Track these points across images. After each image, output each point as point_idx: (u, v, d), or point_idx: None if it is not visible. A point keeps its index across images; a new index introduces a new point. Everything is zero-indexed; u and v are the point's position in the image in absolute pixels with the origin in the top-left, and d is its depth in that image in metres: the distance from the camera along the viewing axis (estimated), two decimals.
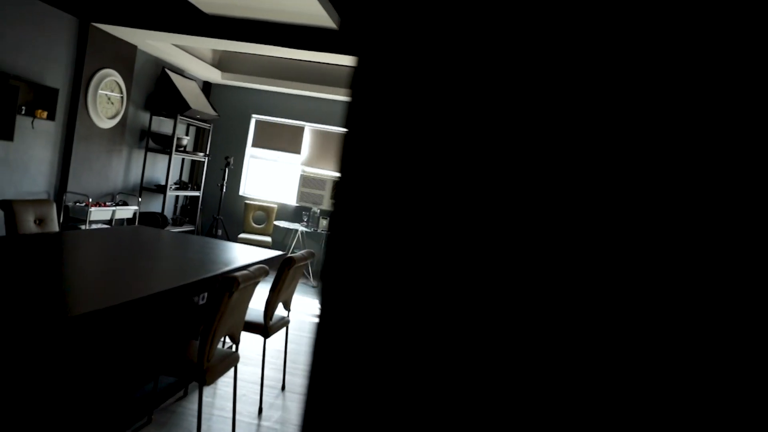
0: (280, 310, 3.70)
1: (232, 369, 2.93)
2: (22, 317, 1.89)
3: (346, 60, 5.77)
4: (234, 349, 2.89)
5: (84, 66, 5.67)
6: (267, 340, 3.58)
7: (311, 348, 0.47)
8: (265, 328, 3.37)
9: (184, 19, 5.48)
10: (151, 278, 2.83)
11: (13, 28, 4.75)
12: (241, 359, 4.13)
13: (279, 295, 3.36)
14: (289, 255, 3.38)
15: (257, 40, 5.59)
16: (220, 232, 7.90)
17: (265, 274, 2.81)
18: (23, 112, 4.95)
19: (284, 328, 3.74)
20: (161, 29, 5.52)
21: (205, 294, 3.74)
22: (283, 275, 3.28)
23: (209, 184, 8.39)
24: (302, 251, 3.58)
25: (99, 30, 5.78)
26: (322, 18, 5.03)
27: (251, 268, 2.71)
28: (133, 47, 6.46)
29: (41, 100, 5.18)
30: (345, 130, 0.47)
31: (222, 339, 3.91)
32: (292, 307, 5.26)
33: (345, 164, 0.46)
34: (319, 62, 6.85)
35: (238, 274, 2.51)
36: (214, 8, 5.29)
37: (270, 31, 5.55)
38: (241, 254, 3.95)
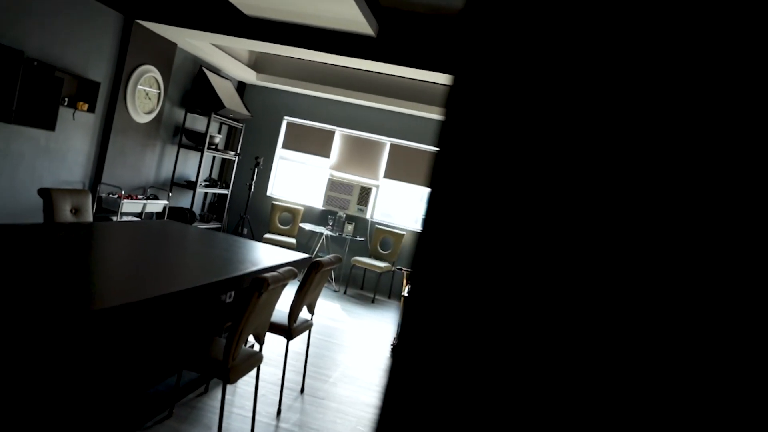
0: (303, 313, 3.71)
1: (255, 369, 2.95)
2: (47, 307, 1.93)
3: (381, 67, 5.80)
4: (258, 349, 2.91)
5: (125, 61, 5.79)
6: (290, 342, 3.60)
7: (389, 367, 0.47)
8: (289, 330, 3.39)
9: (225, 20, 5.57)
10: (179, 274, 2.87)
11: (62, 23, 4.89)
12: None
13: (304, 298, 3.38)
14: (316, 259, 3.39)
15: (295, 43, 5.65)
16: (245, 230, 7.98)
17: (294, 276, 2.83)
18: (66, 103, 5.08)
19: (307, 331, 3.76)
20: (202, 29, 5.62)
21: (233, 292, 3.78)
22: (309, 278, 3.30)
23: (238, 182, 8.49)
24: (329, 256, 3.59)
25: (142, 27, 5.91)
26: (360, 25, 5.06)
27: (280, 270, 2.73)
28: (173, 45, 6.58)
29: (83, 92, 5.31)
30: (437, 146, 0.48)
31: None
32: (315, 311, 5.28)
33: (437, 180, 0.46)
34: (353, 68, 6.89)
35: (267, 275, 2.53)
36: (255, 10, 5.36)
37: (308, 35, 5.61)
38: (267, 254, 3.98)
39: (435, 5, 4.77)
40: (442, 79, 5.58)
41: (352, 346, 5.20)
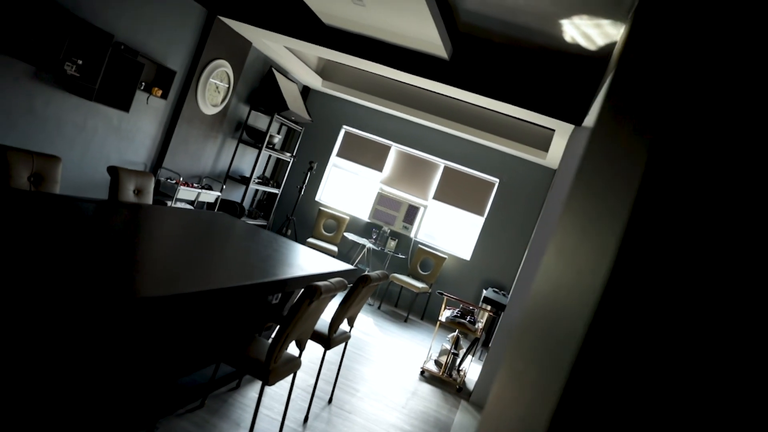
0: (343, 325, 3.71)
1: (292, 374, 2.96)
2: (94, 289, 1.98)
3: (448, 90, 5.81)
4: (298, 354, 2.92)
5: (202, 54, 5.98)
6: (327, 351, 3.60)
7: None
8: (328, 340, 3.40)
9: (303, 26, 5.70)
10: (229, 269, 2.91)
11: (151, 11, 5.09)
12: None
13: (348, 310, 3.39)
14: (365, 273, 3.40)
15: (367, 56, 5.73)
16: (289, 232, 8.07)
17: (344, 288, 2.84)
18: (142, 87, 5.26)
19: (344, 343, 3.76)
20: (280, 31, 5.76)
21: (279, 294, 3.81)
22: (356, 291, 3.30)
23: (289, 184, 8.61)
24: (378, 272, 3.59)
25: (222, 23, 6.09)
26: (435, 46, 5.10)
27: (332, 280, 2.74)
28: (248, 43, 6.76)
29: (159, 79, 5.50)
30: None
31: None
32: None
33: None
34: (420, 87, 6.93)
35: (320, 284, 2.55)
36: (333, 20, 5.46)
37: (381, 50, 5.67)
38: (314, 260, 4.00)
39: (513, 36, 4.76)
40: (509, 109, 5.55)
41: (382, 362, 5.17)
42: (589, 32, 4.08)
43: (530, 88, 5.20)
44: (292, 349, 3.98)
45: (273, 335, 4.19)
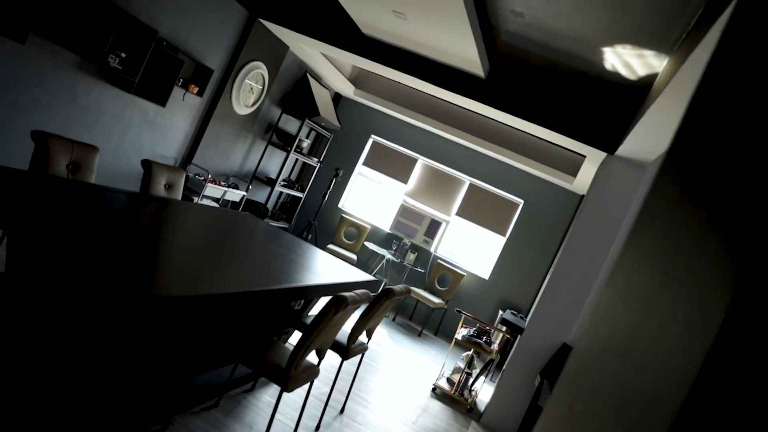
0: (361, 336, 3.70)
1: (309, 382, 2.95)
2: (118, 285, 1.99)
3: (481, 108, 5.80)
4: (317, 363, 2.92)
5: (240, 55, 6.05)
6: (344, 361, 3.59)
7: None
8: (346, 350, 3.39)
9: (342, 34, 5.74)
10: (253, 272, 2.92)
11: (194, 10, 5.17)
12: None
13: (368, 322, 3.38)
14: (389, 287, 3.39)
15: (402, 68, 5.75)
16: (310, 236, 8.10)
17: (369, 300, 2.83)
18: (180, 84, 5.34)
19: (360, 354, 3.74)
20: (318, 38, 5.81)
21: (302, 300, 3.82)
22: (378, 304, 3.29)
23: (313, 189, 8.66)
24: (401, 285, 3.58)
25: (262, 25, 6.17)
26: (472, 64, 5.10)
27: (358, 291, 2.73)
28: (286, 47, 6.83)
29: (197, 76, 5.58)
30: None
31: None
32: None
33: None
34: (452, 102, 6.94)
35: (347, 295, 2.54)
36: (373, 31, 5.50)
37: (416, 64, 5.69)
38: (336, 268, 4.00)
39: (552, 59, 4.74)
40: (540, 131, 5.53)
41: (394, 375, 5.14)
42: (630, 61, 4.05)
43: (564, 113, 5.17)
44: (311, 356, 3.97)
45: (296, 342, 4.20)
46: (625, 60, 4.08)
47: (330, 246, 7.80)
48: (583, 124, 5.10)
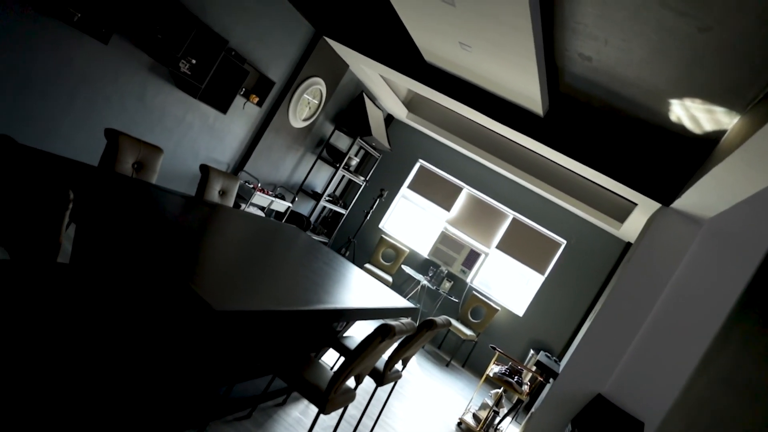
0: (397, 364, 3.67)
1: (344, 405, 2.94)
2: (173, 301, 2.02)
3: (534, 145, 5.77)
4: (354, 387, 2.91)
5: (302, 70, 6.17)
6: (379, 388, 3.57)
7: None
8: (382, 376, 3.37)
9: (404, 59, 5.81)
10: (293, 286, 2.93)
11: (264, 23, 5.31)
12: None
13: (407, 350, 3.35)
14: (430, 318, 3.37)
15: (459, 98, 5.77)
16: (348, 253, 8.13)
17: (414, 331, 2.82)
18: (242, 93, 5.48)
19: (394, 382, 3.72)
20: (380, 60, 5.89)
21: (345, 323, 3.83)
22: (419, 335, 3.27)
23: (356, 207, 8.71)
24: (442, 317, 3.55)
25: (326, 43, 6.29)
26: (532, 101, 5.08)
27: (404, 321, 2.72)
28: (345, 66, 6.94)
29: (259, 87, 5.71)
30: None
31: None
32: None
33: None
34: (504, 136, 6.91)
35: (395, 324, 2.54)
36: (435, 59, 5.55)
37: (474, 95, 5.71)
38: (376, 290, 3.99)
39: (614, 105, 4.69)
40: (593, 174, 5.45)
41: (420, 404, 5.08)
42: (698, 116, 3.97)
43: (621, 158, 5.09)
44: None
45: (332, 362, 4.20)
46: (692, 113, 4.00)
47: (367, 265, 7.81)
48: (639, 172, 5.01)
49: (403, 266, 8.02)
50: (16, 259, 1.84)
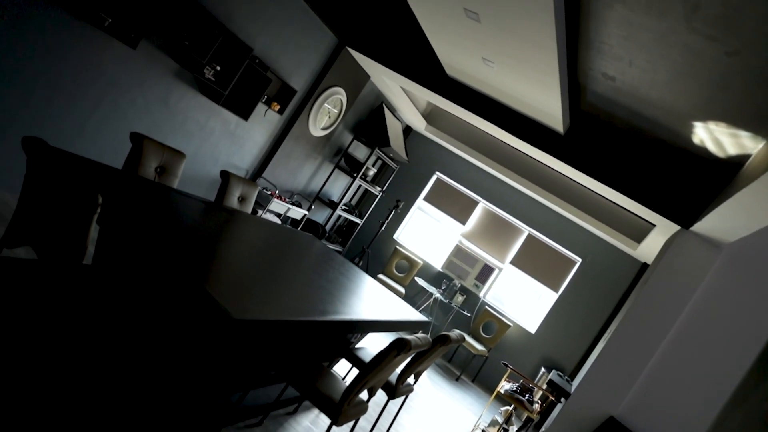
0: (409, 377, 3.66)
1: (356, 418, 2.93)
2: (189, 308, 2.03)
3: (553, 162, 5.75)
4: (366, 399, 2.90)
5: (324, 79, 6.22)
6: (390, 401, 3.56)
7: None
8: (394, 389, 3.36)
9: (426, 72, 5.83)
10: (316, 296, 2.94)
11: (288, 33, 5.37)
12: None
13: (420, 364, 3.34)
14: (445, 333, 3.35)
15: (479, 113, 5.78)
16: (361, 263, 8.13)
17: (429, 345, 2.81)
18: (264, 100, 5.53)
19: (405, 395, 3.70)
20: (402, 72, 5.91)
21: (360, 335, 3.83)
22: (433, 349, 3.26)
23: (372, 216, 8.72)
24: (457, 332, 3.54)
25: (348, 54, 6.33)
26: (553, 119, 5.07)
27: (419, 336, 2.72)
28: (367, 77, 6.98)
29: (280, 95, 5.76)
30: None
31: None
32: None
33: None
34: (523, 152, 6.90)
35: (410, 338, 2.53)
36: (457, 73, 5.56)
37: (495, 110, 5.71)
38: (390, 302, 3.99)
39: (636, 125, 4.66)
40: (611, 194, 5.42)
41: (429, 418, 5.05)
42: (722, 139, 3.94)
43: (641, 179, 5.06)
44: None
45: (344, 373, 4.19)
46: (716, 137, 3.97)
47: (380, 276, 7.81)
48: (659, 193, 4.97)
49: (416, 278, 8.01)
50: (42, 259, 1.87)
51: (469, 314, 7.77)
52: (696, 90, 3.49)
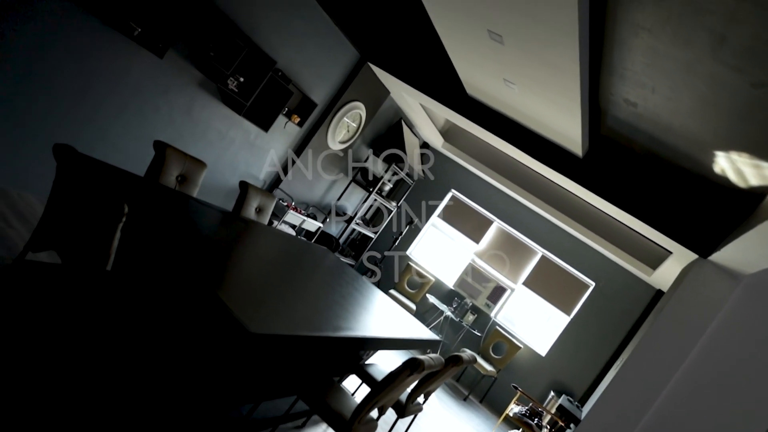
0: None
1: None
2: (207, 321, 2.04)
3: (570, 184, 5.72)
4: (377, 417, 2.89)
5: (344, 93, 6.27)
6: (399, 419, 3.53)
7: None
8: (404, 408, 3.34)
9: (446, 90, 5.86)
10: (329, 311, 2.94)
11: (312, 47, 5.43)
12: None
13: (431, 384, 3.32)
14: (457, 353, 3.34)
15: (498, 133, 5.78)
16: (372, 277, 8.12)
17: (441, 366, 2.80)
18: (285, 112, 5.58)
19: (414, 414, 3.68)
20: (422, 90, 5.95)
21: (372, 352, 3.82)
22: (445, 369, 3.24)
23: (385, 231, 8.72)
24: (469, 352, 3.52)
25: (369, 69, 6.38)
26: (572, 142, 5.06)
27: (432, 356, 2.71)
28: (386, 92, 7.02)
29: (301, 108, 5.81)
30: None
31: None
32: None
33: None
34: (539, 173, 6.88)
35: (424, 359, 2.52)
36: (477, 93, 5.58)
37: (513, 131, 5.71)
38: (401, 318, 3.97)
39: (656, 151, 4.64)
40: (628, 219, 5.38)
41: None
42: (744, 170, 3.91)
43: (659, 205, 5.02)
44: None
45: (353, 389, 4.18)
46: (738, 167, 3.94)
47: (392, 291, 7.79)
48: (678, 221, 4.93)
49: (427, 295, 7.98)
50: (65, 264, 1.90)
51: (479, 334, 7.72)
52: (719, 119, 3.47)
